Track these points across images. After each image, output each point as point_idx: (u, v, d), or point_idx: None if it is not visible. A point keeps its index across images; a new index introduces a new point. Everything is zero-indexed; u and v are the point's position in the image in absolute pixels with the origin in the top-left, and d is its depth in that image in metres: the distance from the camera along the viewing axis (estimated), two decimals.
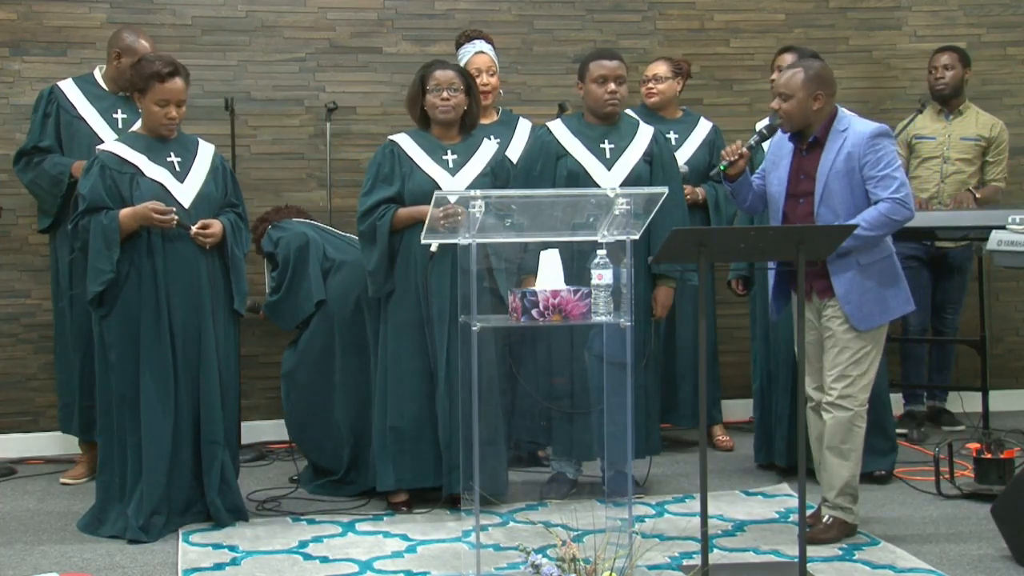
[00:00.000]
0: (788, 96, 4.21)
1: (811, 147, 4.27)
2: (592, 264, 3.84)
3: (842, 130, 4.23)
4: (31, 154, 5.27)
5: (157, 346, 4.42)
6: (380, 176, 4.67)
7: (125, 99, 5.27)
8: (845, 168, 4.18)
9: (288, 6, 6.11)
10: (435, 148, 4.71)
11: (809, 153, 4.27)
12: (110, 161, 4.46)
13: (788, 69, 4.31)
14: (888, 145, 4.22)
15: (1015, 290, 6.73)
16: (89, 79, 5.37)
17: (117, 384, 4.42)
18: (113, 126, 5.24)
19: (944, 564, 4.04)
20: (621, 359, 3.98)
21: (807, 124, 4.25)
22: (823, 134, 4.24)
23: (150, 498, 4.40)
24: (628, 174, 4.84)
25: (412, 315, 4.63)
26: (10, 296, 5.85)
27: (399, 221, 4.61)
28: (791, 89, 4.21)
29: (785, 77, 4.26)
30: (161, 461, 4.41)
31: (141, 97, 4.49)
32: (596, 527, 4.07)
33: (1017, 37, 6.72)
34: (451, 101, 4.65)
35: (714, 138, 5.78)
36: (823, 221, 4.18)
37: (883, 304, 4.22)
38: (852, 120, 4.27)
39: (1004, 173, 6.11)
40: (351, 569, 4.07)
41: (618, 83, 4.82)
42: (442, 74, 4.66)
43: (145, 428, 4.40)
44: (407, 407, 4.63)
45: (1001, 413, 6.19)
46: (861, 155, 4.17)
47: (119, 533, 4.40)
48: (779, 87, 4.25)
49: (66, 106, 5.28)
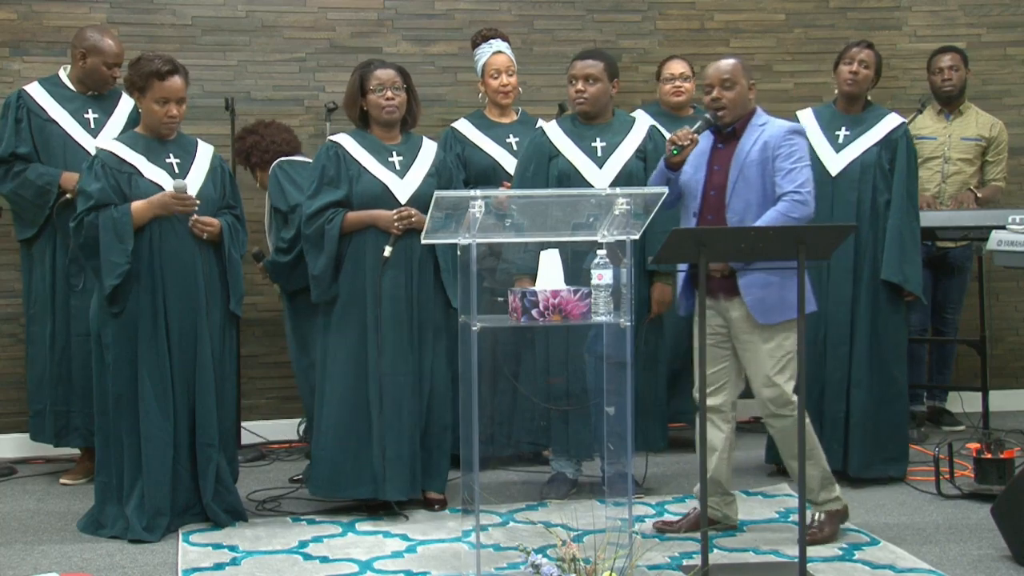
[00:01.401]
0: (733, 84, 4.22)
1: (727, 139, 4.27)
2: (592, 264, 3.84)
3: (760, 124, 4.25)
4: (9, 162, 5.21)
5: (154, 347, 4.42)
6: (325, 179, 4.62)
7: (94, 99, 5.28)
8: (760, 158, 4.18)
9: (288, 6, 6.11)
10: (379, 149, 4.68)
11: (725, 146, 4.28)
12: (109, 160, 4.45)
13: (723, 60, 4.30)
14: (803, 144, 4.25)
15: (1015, 290, 6.73)
16: (55, 80, 5.35)
17: (114, 384, 4.41)
18: (85, 126, 5.24)
19: (944, 564, 4.04)
20: (621, 359, 3.98)
21: (742, 113, 4.26)
22: (741, 127, 4.25)
23: (152, 499, 4.40)
24: (620, 171, 4.85)
25: (356, 320, 4.59)
26: (10, 296, 5.85)
27: (348, 225, 4.58)
28: (735, 77, 4.22)
29: (726, 65, 4.25)
30: (162, 461, 4.41)
31: (141, 96, 4.48)
32: (596, 527, 4.07)
33: (1017, 37, 6.72)
34: (395, 100, 4.62)
35: None
36: (735, 212, 4.17)
37: (785, 300, 4.14)
38: (771, 118, 4.30)
39: (1004, 173, 6.12)
40: (351, 569, 4.07)
41: (587, 82, 4.83)
42: (383, 73, 4.62)
43: (144, 429, 4.40)
44: (343, 414, 4.60)
45: (1001, 413, 6.19)
46: (776, 145, 4.18)
47: (119, 534, 4.40)
48: (721, 75, 4.22)
49: (36, 110, 5.25)
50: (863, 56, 5.11)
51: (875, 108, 5.21)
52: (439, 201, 3.82)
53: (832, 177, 5.10)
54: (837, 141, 5.13)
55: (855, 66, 5.09)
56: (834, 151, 5.12)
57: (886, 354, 5.07)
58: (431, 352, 4.64)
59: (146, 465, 4.40)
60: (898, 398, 5.11)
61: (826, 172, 5.09)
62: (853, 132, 5.13)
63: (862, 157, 5.08)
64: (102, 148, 4.53)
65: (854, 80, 5.11)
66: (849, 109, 5.18)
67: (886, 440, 5.08)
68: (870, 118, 5.16)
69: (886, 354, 5.07)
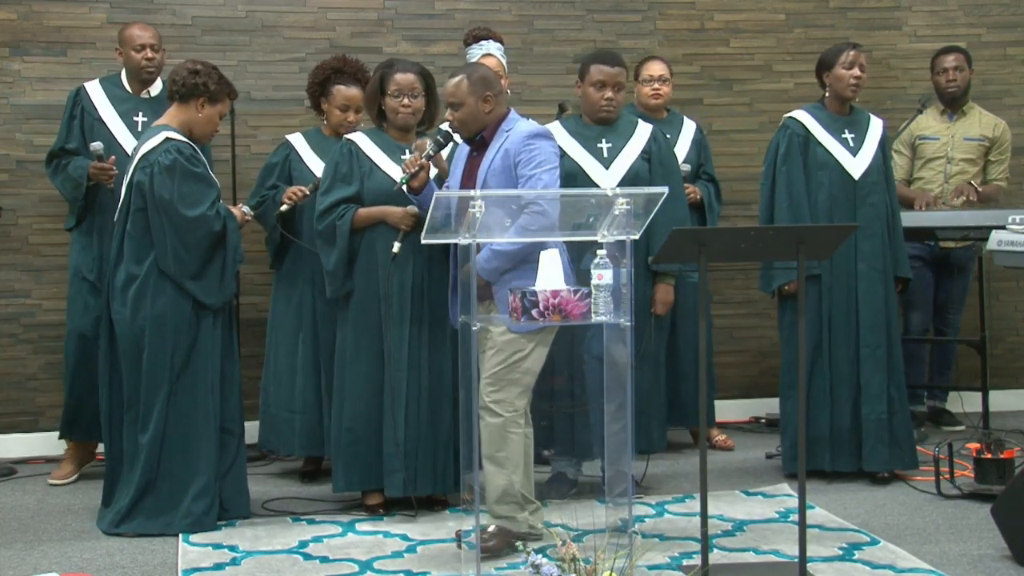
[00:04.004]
0: (458, 104, 4.18)
1: (479, 148, 4.24)
2: (592, 264, 3.84)
3: (507, 130, 4.21)
4: (59, 156, 5.30)
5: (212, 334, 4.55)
6: (338, 175, 4.65)
7: (146, 101, 5.32)
8: (502, 166, 4.15)
9: (288, 6, 6.11)
10: (392, 149, 4.70)
11: (478, 155, 4.25)
12: None
13: (452, 78, 4.25)
14: (545, 147, 4.19)
15: (1015, 290, 6.73)
16: (115, 80, 5.40)
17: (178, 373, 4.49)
18: (132, 129, 5.26)
19: (944, 564, 4.04)
20: (621, 359, 3.97)
21: (482, 127, 4.22)
22: (490, 135, 4.22)
23: (208, 489, 4.48)
24: (626, 172, 4.85)
25: (372, 316, 4.61)
26: (10, 296, 5.85)
27: (359, 221, 4.60)
28: (459, 97, 4.19)
29: (451, 86, 4.21)
30: (214, 450, 4.52)
31: (209, 105, 4.59)
32: (596, 527, 4.07)
33: (1017, 37, 6.72)
34: (411, 107, 4.64)
35: (700, 137, 5.78)
36: None
37: None
38: (519, 122, 4.25)
39: (1006, 173, 6.11)
40: (351, 569, 4.07)
41: (615, 90, 4.83)
42: (403, 78, 4.62)
43: (199, 417, 4.48)
44: (361, 409, 4.62)
45: (1001, 413, 6.20)
46: (516, 152, 4.14)
47: (175, 529, 4.43)
48: (448, 97, 4.19)
49: (89, 108, 5.31)
50: (862, 60, 5.11)
51: (858, 109, 5.24)
52: (439, 201, 3.83)
53: (855, 180, 5.10)
54: (849, 144, 5.13)
55: (856, 70, 5.08)
56: (851, 155, 5.11)
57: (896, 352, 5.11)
58: (441, 349, 4.64)
59: (206, 456, 4.50)
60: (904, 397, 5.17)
61: (848, 176, 5.09)
62: (857, 133, 5.14)
63: (875, 159, 5.11)
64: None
65: (858, 85, 5.10)
66: (840, 111, 5.18)
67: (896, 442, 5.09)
68: (861, 120, 5.19)
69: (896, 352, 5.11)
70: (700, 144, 5.75)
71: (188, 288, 4.45)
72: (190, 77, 4.54)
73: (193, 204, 4.44)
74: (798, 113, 5.22)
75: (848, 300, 5.06)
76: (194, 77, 4.54)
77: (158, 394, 4.44)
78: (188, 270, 4.45)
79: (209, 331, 4.51)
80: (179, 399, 4.47)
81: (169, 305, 4.44)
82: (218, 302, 4.52)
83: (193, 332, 4.48)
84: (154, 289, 4.44)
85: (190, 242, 4.45)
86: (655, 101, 5.72)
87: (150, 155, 4.48)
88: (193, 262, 4.46)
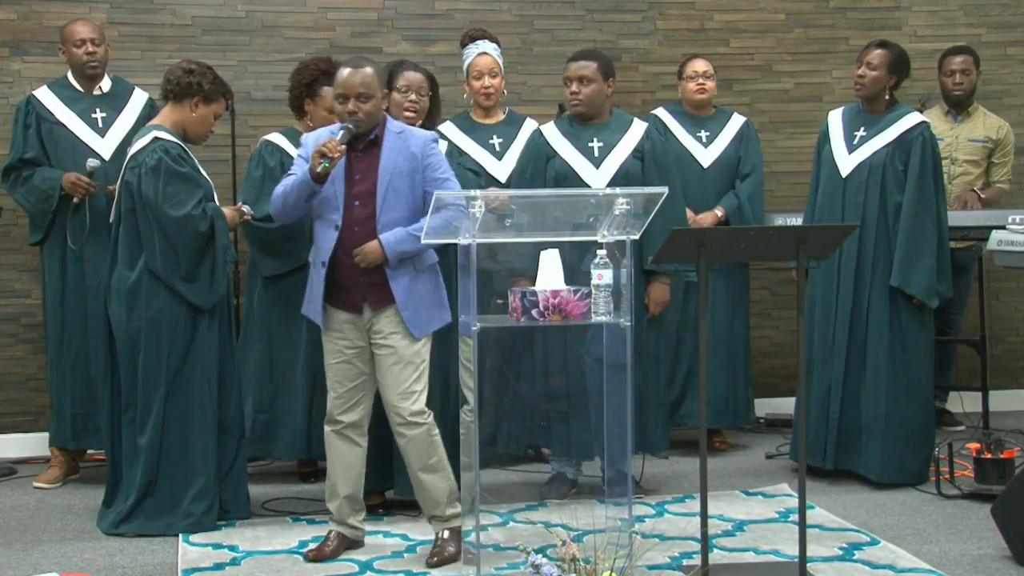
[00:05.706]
0: (369, 96, 4.07)
1: (368, 148, 4.16)
2: (592, 264, 3.84)
3: (398, 132, 4.18)
4: (18, 168, 5.22)
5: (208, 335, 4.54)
6: None
7: (101, 98, 5.29)
8: (408, 168, 4.12)
9: (288, 6, 6.11)
10: None
11: (365, 154, 4.16)
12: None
13: (358, 68, 4.09)
14: (441, 151, 4.30)
15: (1015, 290, 6.72)
16: (63, 83, 5.35)
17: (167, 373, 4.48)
18: (93, 126, 5.23)
19: (944, 564, 4.04)
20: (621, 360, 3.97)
21: (376, 124, 4.13)
22: (380, 134, 4.17)
23: (208, 489, 4.48)
24: (617, 171, 4.85)
25: None
26: (10, 296, 5.86)
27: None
28: (372, 89, 4.08)
29: (364, 76, 4.08)
30: (212, 450, 4.52)
31: (204, 104, 4.58)
32: (596, 527, 4.07)
33: (1017, 37, 6.72)
34: (417, 105, 4.66)
35: (744, 132, 5.83)
36: (385, 222, 4.06)
37: (432, 312, 4.14)
38: (404, 125, 4.25)
39: (1010, 175, 6.10)
40: (351, 569, 4.07)
41: (581, 83, 4.85)
42: (413, 76, 4.67)
43: (197, 418, 4.48)
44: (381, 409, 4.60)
45: (1001, 413, 6.19)
46: (424, 155, 4.14)
47: (175, 530, 4.43)
48: (360, 88, 4.05)
49: (44, 114, 5.25)
50: (869, 57, 5.08)
51: (898, 108, 5.14)
52: (439, 201, 3.83)
53: (843, 178, 5.10)
54: (852, 142, 5.12)
55: (860, 68, 5.08)
56: (847, 151, 5.12)
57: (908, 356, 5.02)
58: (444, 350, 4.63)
59: (203, 456, 4.50)
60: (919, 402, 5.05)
61: (838, 173, 5.10)
62: (869, 132, 5.11)
63: (871, 159, 5.05)
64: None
65: (860, 84, 5.10)
66: (871, 109, 5.15)
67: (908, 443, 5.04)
68: (889, 118, 5.11)
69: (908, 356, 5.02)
70: (743, 138, 5.79)
71: (178, 289, 4.44)
72: (184, 76, 4.54)
73: (178, 204, 4.43)
74: (833, 112, 5.31)
75: (827, 300, 5.08)
76: (188, 76, 4.54)
77: (155, 395, 4.44)
78: (177, 271, 4.44)
79: (205, 332, 4.51)
80: (176, 400, 4.47)
81: (164, 306, 4.44)
82: (208, 303, 4.50)
83: (189, 333, 4.48)
84: (148, 291, 4.44)
85: (177, 243, 4.44)
86: (700, 96, 5.77)
87: (138, 155, 4.48)
88: (182, 263, 4.45)
